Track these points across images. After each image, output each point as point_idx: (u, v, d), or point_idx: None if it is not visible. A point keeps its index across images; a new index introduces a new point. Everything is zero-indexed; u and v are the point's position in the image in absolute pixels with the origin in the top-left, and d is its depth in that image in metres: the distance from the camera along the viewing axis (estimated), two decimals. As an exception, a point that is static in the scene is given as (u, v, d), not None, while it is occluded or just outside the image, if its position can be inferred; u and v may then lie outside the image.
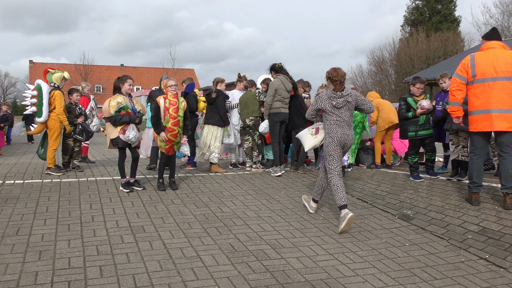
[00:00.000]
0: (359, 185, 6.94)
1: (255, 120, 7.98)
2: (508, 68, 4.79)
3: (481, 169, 5.22)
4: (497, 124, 4.84)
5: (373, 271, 3.87)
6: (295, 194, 6.50)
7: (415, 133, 6.61)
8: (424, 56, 37.82)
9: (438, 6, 42.96)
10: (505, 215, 4.83)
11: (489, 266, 4.03)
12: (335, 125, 5.05)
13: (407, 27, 44.64)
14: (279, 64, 7.65)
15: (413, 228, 5.07)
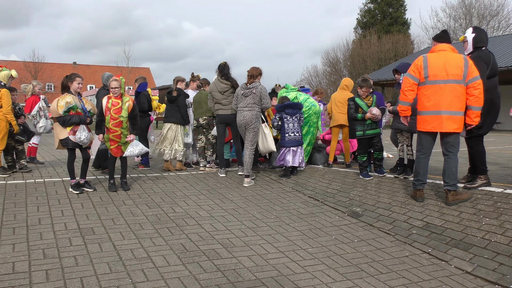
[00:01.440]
0: (311, 184, 7.08)
1: (208, 119, 7.96)
2: (458, 71, 4.99)
3: (427, 168, 5.44)
4: (446, 126, 5.05)
5: (322, 267, 3.97)
6: (248, 193, 6.54)
7: (363, 133, 6.80)
8: (376, 57, 38.94)
9: (389, 9, 44.33)
10: (447, 211, 5.07)
11: (432, 260, 4.22)
12: (240, 110, 7.01)
13: (360, 29, 45.80)
14: (222, 64, 7.62)
15: (362, 224, 5.23)
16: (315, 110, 8.14)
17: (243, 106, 7.04)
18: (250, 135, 7.07)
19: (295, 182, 7.24)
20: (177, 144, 7.86)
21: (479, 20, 39.37)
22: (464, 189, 5.52)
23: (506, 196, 5.12)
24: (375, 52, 39.09)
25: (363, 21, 45.49)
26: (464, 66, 4.97)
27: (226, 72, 7.54)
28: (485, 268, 3.91)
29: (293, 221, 5.32)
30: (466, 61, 5.00)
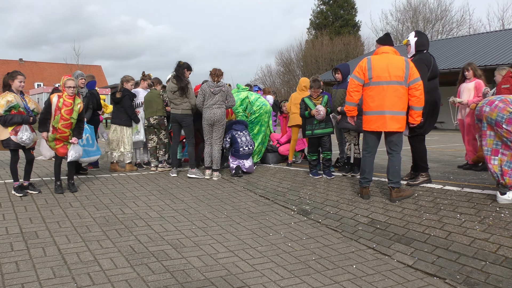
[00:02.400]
0: (262, 183, 7.16)
1: (160, 119, 7.87)
2: (399, 73, 5.20)
3: (372, 166, 5.64)
4: (390, 125, 5.25)
5: (271, 265, 4.03)
6: (200, 193, 6.53)
7: (311, 132, 6.95)
8: (328, 58, 39.70)
9: (340, 11, 45.30)
10: (391, 207, 5.27)
11: (376, 255, 4.38)
12: (208, 108, 7.23)
13: (313, 30, 46.54)
14: (180, 63, 7.57)
15: (311, 222, 5.35)
16: (266, 109, 8.24)
17: (212, 103, 7.28)
18: (218, 132, 7.39)
19: (247, 182, 7.30)
20: (123, 147, 7.71)
21: (425, 23, 41.02)
22: (407, 186, 5.77)
23: (445, 193, 5.39)
24: (327, 53, 39.84)
25: (315, 22, 46.26)
26: (405, 68, 5.19)
27: (178, 72, 7.48)
28: (424, 261, 4.10)
29: (243, 220, 5.37)
30: (407, 63, 5.23)
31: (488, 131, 4.69)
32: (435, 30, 41.13)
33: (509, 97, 4.65)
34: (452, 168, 7.71)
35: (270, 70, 45.74)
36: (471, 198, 5.06)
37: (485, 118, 4.66)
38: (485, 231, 4.27)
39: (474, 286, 3.60)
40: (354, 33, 44.24)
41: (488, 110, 4.63)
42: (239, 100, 8.07)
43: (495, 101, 4.62)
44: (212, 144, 7.47)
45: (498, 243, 4.04)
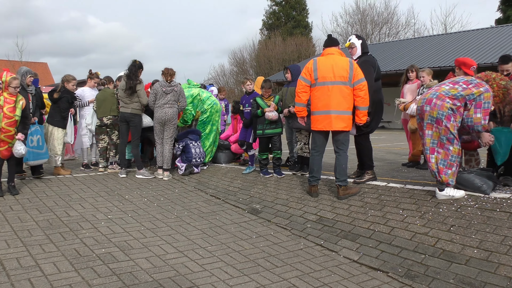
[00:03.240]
0: (213, 182, 7.16)
1: (113, 119, 7.66)
2: (344, 73, 5.35)
3: (320, 165, 5.76)
4: (335, 124, 5.39)
5: (220, 264, 4.04)
6: (149, 193, 6.44)
7: (262, 132, 7.01)
8: (281, 59, 40.12)
9: (292, 12, 45.92)
10: (338, 205, 5.42)
11: (324, 251, 4.49)
12: (159, 107, 7.23)
13: (266, 30, 46.89)
14: (136, 62, 7.42)
15: (261, 221, 5.41)
16: (216, 108, 8.25)
17: (164, 103, 7.28)
18: (170, 131, 7.39)
19: (198, 181, 7.27)
20: (54, 149, 7.33)
21: (373, 26, 42.33)
22: (353, 184, 5.94)
23: (389, 190, 5.60)
24: (279, 53, 40.27)
25: (268, 23, 46.63)
26: (349, 68, 5.35)
27: (131, 71, 7.33)
28: (369, 256, 4.25)
29: (193, 220, 5.34)
30: (351, 64, 5.39)
31: (427, 130, 4.90)
32: (383, 33, 42.54)
33: (442, 90, 4.87)
34: (397, 166, 8.02)
35: (223, 69, 45.69)
36: (413, 195, 5.29)
37: (426, 117, 4.88)
38: (425, 226, 4.48)
39: (414, 279, 3.77)
40: (306, 34, 44.96)
41: (429, 109, 4.84)
42: (190, 96, 8.00)
43: (433, 99, 4.82)
44: (163, 144, 7.39)
45: (436, 237, 4.25)
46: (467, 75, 5.43)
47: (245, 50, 44.60)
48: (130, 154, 7.91)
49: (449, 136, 4.76)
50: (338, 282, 3.76)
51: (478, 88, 4.75)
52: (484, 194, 4.90)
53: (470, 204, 4.71)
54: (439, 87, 4.92)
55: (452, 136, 4.76)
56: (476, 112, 4.74)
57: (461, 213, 4.55)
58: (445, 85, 4.92)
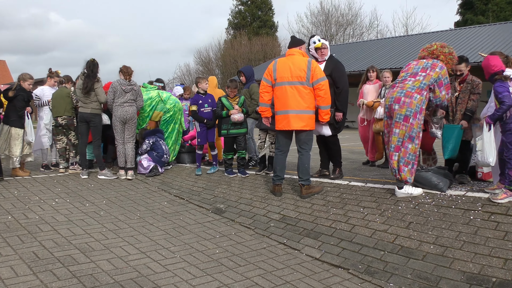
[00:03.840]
0: (177, 183, 7.11)
1: (68, 119, 7.48)
2: (301, 73, 5.43)
3: (284, 164, 5.83)
4: (294, 124, 5.47)
5: (183, 265, 4.03)
6: (112, 194, 6.34)
7: (227, 131, 7.02)
8: (247, 58, 40.21)
9: (258, 12, 46.09)
10: (301, 204, 5.49)
11: (286, 250, 4.55)
12: (119, 106, 7.15)
13: (232, 30, 46.87)
14: (90, 61, 7.26)
15: (225, 220, 5.42)
16: (179, 106, 8.21)
17: (123, 101, 7.21)
18: (131, 130, 7.34)
19: (161, 182, 7.21)
20: (8, 150, 7.02)
21: (337, 27, 43.03)
22: (316, 183, 6.03)
23: (351, 188, 5.72)
24: (245, 53, 40.35)
25: (234, 22, 46.63)
26: (307, 68, 5.41)
27: (89, 70, 7.16)
28: (330, 254, 4.34)
29: (157, 220, 5.30)
30: (309, 64, 5.44)
31: (395, 128, 5.03)
32: (347, 34, 43.29)
33: (408, 87, 5.02)
34: (359, 165, 8.20)
35: (189, 69, 45.36)
36: (373, 193, 5.42)
37: (395, 115, 5.02)
38: (385, 223, 4.61)
39: (374, 275, 3.88)
40: (272, 34, 45.23)
41: (398, 108, 4.98)
42: (148, 99, 7.89)
43: (401, 97, 4.97)
44: (125, 143, 7.28)
45: (395, 234, 4.38)
46: None
47: (211, 50, 44.49)
48: (92, 154, 7.75)
49: (411, 133, 4.93)
50: (300, 279, 3.82)
51: (434, 70, 5.05)
52: (440, 191, 5.09)
53: (427, 201, 4.88)
54: (403, 84, 5.08)
55: (414, 134, 4.94)
56: (441, 91, 5.09)
57: (419, 210, 4.71)
58: (407, 80, 5.08)
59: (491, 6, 33.64)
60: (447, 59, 5.24)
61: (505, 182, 4.61)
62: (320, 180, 6.20)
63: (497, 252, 3.75)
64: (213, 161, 7.63)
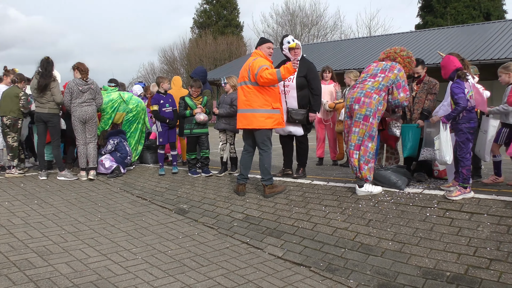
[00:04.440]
0: (140, 183, 7.02)
1: (13, 119, 7.10)
2: (244, 73, 5.54)
3: (248, 164, 5.85)
4: (239, 123, 5.60)
5: (145, 266, 3.99)
6: (72, 196, 6.19)
7: (190, 131, 6.98)
8: (212, 57, 40.09)
9: (223, 11, 45.99)
10: (264, 203, 5.53)
11: (249, 249, 4.57)
12: (78, 106, 6.91)
13: (197, 29, 46.57)
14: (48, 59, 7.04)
15: (188, 221, 5.39)
16: (142, 106, 8.10)
17: (81, 101, 6.99)
18: (92, 130, 7.15)
19: (124, 182, 7.09)
20: None
21: (302, 27, 43.47)
22: (279, 182, 6.08)
23: (313, 187, 5.80)
24: (211, 52, 40.19)
25: (199, 21, 46.35)
26: (248, 67, 5.50)
27: (43, 68, 6.95)
28: (293, 252, 4.39)
29: (118, 222, 5.22)
30: (250, 63, 5.51)
31: (354, 127, 5.14)
32: (311, 34, 43.79)
33: (367, 87, 5.14)
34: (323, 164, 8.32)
35: (153, 68, 44.78)
36: (335, 191, 5.52)
37: (355, 115, 5.12)
38: (345, 221, 4.70)
39: (335, 272, 3.95)
40: (237, 33, 45.23)
41: (358, 108, 5.09)
42: (110, 101, 7.74)
43: (361, 97, 5.09)
44: (87, 143, 7.11)
45: (356, 231, 4.48)
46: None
47: (175, 48, 44.05)
48: (51, 155, 7.52)
49: (371, 133, 5.06)
50: (263, 278, 3.84)
51: (393, 72, 5.19)
52: (399, 189, 5.23)
53: (386, 199, 5.01)
54: (363, 85, 5.19)
55: (374, 133, 5.07)
56: (399, 92, 5.21)
57: (378, 208, 4.83)
58: (367, 81, 5.20)
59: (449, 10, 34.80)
60: (405, 62, 5.39)
61: (459, 180, 4.80)
62: (283, 179, 6.26)
63: (451, 247, 3.90)
64: (173, 161, 7.56)
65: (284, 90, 6.00)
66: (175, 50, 43.93)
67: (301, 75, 5.93)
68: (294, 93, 5.99)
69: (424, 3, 37.69)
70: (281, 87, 5.96)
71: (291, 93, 6.00)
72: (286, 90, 6.00)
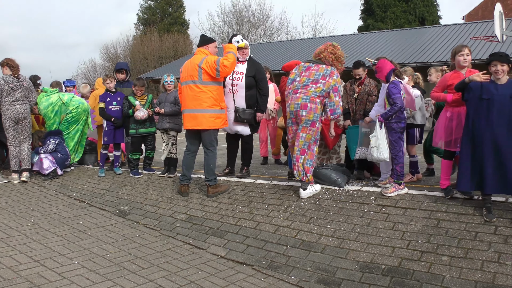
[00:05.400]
0: (78, 185, 6.75)
1: None
2: (193, 72, 5.42)
3: (191, 164, 5.78)
4: (187, 123, 5.50)
5: (82, 271, 3.84)
6: (1, 200, 5.88)
7: (135, 131, 6.81)
8: (157, 55, 39.33)
9: (169, 8, 45.26)
10: (208, 203, 5.49)
11: (192, 249, 4.52)
12: (9, 105, 6.56)
13: (141, 25, 45.55)
14: None
15: (129, 223, 5.25)
16: (83, 107, 7.77)
17: (13, 100, 6.65)
18: (26, 130, 6.84)
19: (60, 184, 6.80)
20: None
21: (249, 27, 43.62)
22: (223, 182, 6.06)
23: (257, 186, 5.83)
24: (156, 50, 39.42)
25: (144, 18, 45.34)
26: (198, 67, 5.38)
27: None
28: (236, 251, 4.39)
29: (53, 226, 4.99)
30: (201, 62, 5.39)
31: (302, 133, 5.16)
32: (258, 34, 44.05)
33: (311, 93, 5.16)
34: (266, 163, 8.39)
35: (94, 65, 43.30)
36: (277, 190, 5.58)
37: (302, 121, 5.15)
38: (288, 219, 4.76)
39: (277, 269, 3.99)
40: (183, 31, 44.66)
41: (305, 114, 5.11)
42: (50, 105, 7.37)
43: (307, 103, 5.11)
44: (22, 143, 6.75)
45: (297, 229, 4.55)
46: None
47: (118, 45, 42.82)
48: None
49: (317, 137, 5.16)
50: (205, 278, 3.82)
51: (332, 78, 5.23)
52: (339, 187, 5.36)
53: (327, 197, 5.12)
54: (306, 90, 5.20)
55: (318, 137, 5.21)
56: (335, 96, 5.23)
57: (319, 205, 4.93)
58: (310, 86, 5.22)
59: (389, 14, 36.19)
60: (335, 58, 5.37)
61: (393, 177, 4.99)
62: (227, 179, 6.24)
63: (386, 242, 4.05)
64: (115, 162, 7.33)
65: (232, 89, 5.97)
66: (118, 47, 42.73)
67: (250, 75, 5.94)
68: (243, 92, 5.98)
69: (365, 7, 38.95)
70: (229, 86, 5.94)
71: (240, 93, 5.98)
72: (235, 89, 5.98)
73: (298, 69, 5.43)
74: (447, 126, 4.62)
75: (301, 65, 5.43)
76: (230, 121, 5.89)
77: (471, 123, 4.20)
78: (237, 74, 5.95)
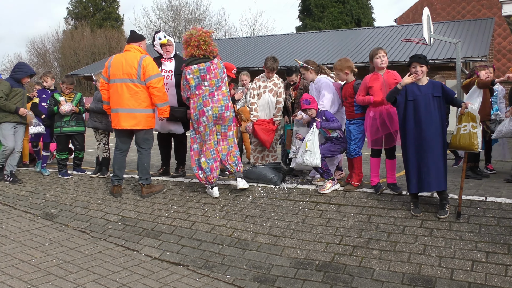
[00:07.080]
0: (1, 188, 6.32)
1: None
2: (131, 70, 5.24)
3: (123, 164, 5.58)
4: (123, 122, 5.29)
5: (3, 278, 3.61)
6: None
7: (60, 129, 6.48)
8: (90, 51, 37.81)
9: (102, 3, 43.66)
10: (142, 203, 5.34)
11: (125, 251, 4.38)
12: None
13: (72, 20, 43.57)
14: None
15: (56, 226, 5.00)
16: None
17: None
18: None
19: (-20, 187, 6.34)
20: None
21: (186, 24, 43.07)
22: (158, 182, 5.92)
23: (192, 185, 5.75)
24: (88, 46, 37.86)
25: (74, 12, 43.39)
26: (138, 65, 5.25)
27: None
28: (170, 252, 4.31)
29: (-29, 231, 4.64)
30: (141, 61, 5.27)
31: (229, 131, 5.41)
32: (196, 32, 43.58)
33: (225, 93, 5.29)
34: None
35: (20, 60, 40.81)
36: (214, 189, 5.54)
37: (227, 121, 5.30)
38: (224, 218, 4.74)
39: (212, 268, 3.97)
40: (118, 27, 43.27)
41: (229, 114, 5.27)
42: None
43: (228, 104, 5.30)
44: None
45: (233, 227, 4.54)
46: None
47: (47, 40, 40.66)
48: None
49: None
50: (138, 281, 3.72)
51: (220, 67, 5.37)
52: (275, 185, 5.42)
53: (263, 195, 5.16)
54: (221, 91, 5.33)
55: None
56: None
57: (255, 203, 4.96)
58: (222, 86, 5.30)
59: (326, 14, 37.16)
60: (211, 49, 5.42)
61: (324, 176, 5.07)
62: (161, 178, 6.10)
63: (320, 238, 4.15)
64: (43, 162, 6.94)
65: None
66: (47, 42, 40.57)
67: (178, 72, 5.80)
68: (174, 90, 5.86)
69: (303, 7, 39.74)
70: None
71: (171, 91, 5.85)
72: (165, 88, 5.84)
73: (194, 73, 5.14)
74: (372, 125, 4.79)
75: (195, 68, 5.15)
76: (162, 120, 5.72)
77: (403, 125, 4.37)
78: (165, 72, 5.82)
